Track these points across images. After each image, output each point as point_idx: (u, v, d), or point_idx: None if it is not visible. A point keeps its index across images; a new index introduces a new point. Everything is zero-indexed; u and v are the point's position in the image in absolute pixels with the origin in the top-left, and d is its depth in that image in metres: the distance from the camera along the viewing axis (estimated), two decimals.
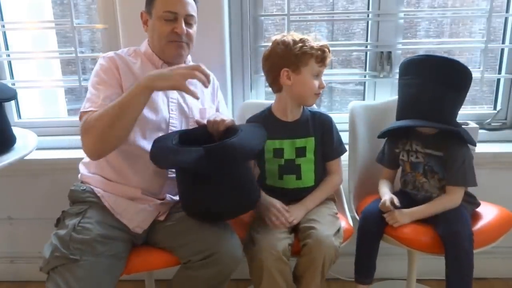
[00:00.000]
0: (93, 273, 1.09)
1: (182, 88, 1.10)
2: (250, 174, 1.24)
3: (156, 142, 1.20)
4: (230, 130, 1.24)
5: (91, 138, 1.14)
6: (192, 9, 1.30)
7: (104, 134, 1.12)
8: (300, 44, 1.29)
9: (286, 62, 1.29)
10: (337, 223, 1.30)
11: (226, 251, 1.17)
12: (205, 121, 1.30)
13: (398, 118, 1.37)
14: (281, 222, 1.27)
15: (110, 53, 1.31)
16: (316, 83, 1.31)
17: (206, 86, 1.15)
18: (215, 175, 1.13)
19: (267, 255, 1.17)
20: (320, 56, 1.29)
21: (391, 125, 1.36)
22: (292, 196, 1.37)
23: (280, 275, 1.18)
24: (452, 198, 1.30)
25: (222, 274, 1.18)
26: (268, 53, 1.35)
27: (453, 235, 1.21)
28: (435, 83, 1.27)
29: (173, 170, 1.29)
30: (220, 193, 1.16)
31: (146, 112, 1.25)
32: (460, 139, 1.29)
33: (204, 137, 1.25)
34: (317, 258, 1.18)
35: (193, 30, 1.32)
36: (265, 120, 1.40)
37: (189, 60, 1.43)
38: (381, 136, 1.44)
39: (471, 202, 1.37)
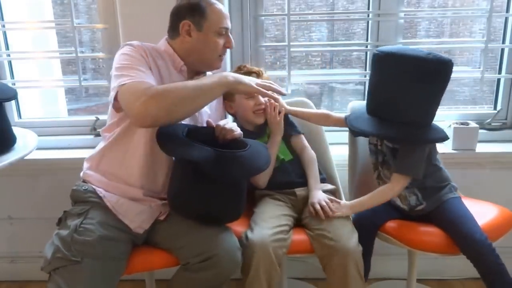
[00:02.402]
0: (94, 275, 1.09)
1: (259, 93, 1.25)
2: (244, 186, 1.25)
3: (164, 129, 1.17)
4: (236, 141, 1.27)
5: (156, 105, 1.07)
6: None
7: (172, 107, 1.09)
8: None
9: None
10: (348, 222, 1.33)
11: (225, 253, 1.17)
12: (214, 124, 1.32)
13: (366, 105, 1.36)
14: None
15: (135, 42, 1.27)
16: (251, 102, 1.46)
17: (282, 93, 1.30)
18: (215, 179, 1.14)
19: (260, 257, 1.20)
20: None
21: (352, 119, 1.38)
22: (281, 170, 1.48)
23: (265, 279, 1.20)
24: (394, 187, 1.30)
25: (221, 276, 1.19)
26: None
27: (464, 239, 1.21)
28: (391, 81, 1.24)
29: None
30: (213, 197, 1.17)
31: None
32: (413, 139, 1.27)
33: (209, 138, 1.26)
34: (348, 271, 1.22)
35: None
36: None
37: None
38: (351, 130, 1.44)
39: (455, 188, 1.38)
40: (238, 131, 1.30)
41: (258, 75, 1.48)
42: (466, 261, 1.21)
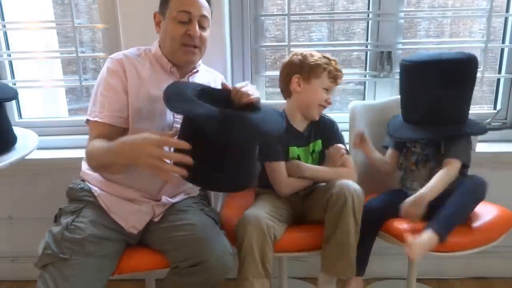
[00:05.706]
0: (81, 273, 1.09)
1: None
2: (251, 155, 1.15)
3: (173, 85, 1.14)
4: (252, 106, 1.18)
5: (91, 166, 1.23)
6: (206, 10, 1.26)
7: (99, 171, 1.23)
8: (316, 57, 1.39)
9: (299, 70, 1.40)
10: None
11: (215, 259, 1.14)
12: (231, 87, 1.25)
13: (402, 114, 1.47)
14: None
15: (119, 55, 1.29)
16: (324, 95, 1.39)
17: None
18: (218, 140, 1.05)
19: (252, 229, 1.21)
20: (333, 73, 1.39)
21: (393, 132, 1.48)
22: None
23: (258, 253, 1.21)
24: (449, 169, 1.33)
25: (209, 282, 1.16)
26: (286, 62, 1.45)
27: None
28: (432, 87, 1.33)
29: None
30: (214, 160, 1.07)
31: (148, 122, 1.25)
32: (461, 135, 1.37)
33: (224, 101, 1.19)
34: (347, 198, 1.21)
35: (206, 34, 1.27)
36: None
37: (199, 64, 1.39)
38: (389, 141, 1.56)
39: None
40: (255, 94, 1.20)
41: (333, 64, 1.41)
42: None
